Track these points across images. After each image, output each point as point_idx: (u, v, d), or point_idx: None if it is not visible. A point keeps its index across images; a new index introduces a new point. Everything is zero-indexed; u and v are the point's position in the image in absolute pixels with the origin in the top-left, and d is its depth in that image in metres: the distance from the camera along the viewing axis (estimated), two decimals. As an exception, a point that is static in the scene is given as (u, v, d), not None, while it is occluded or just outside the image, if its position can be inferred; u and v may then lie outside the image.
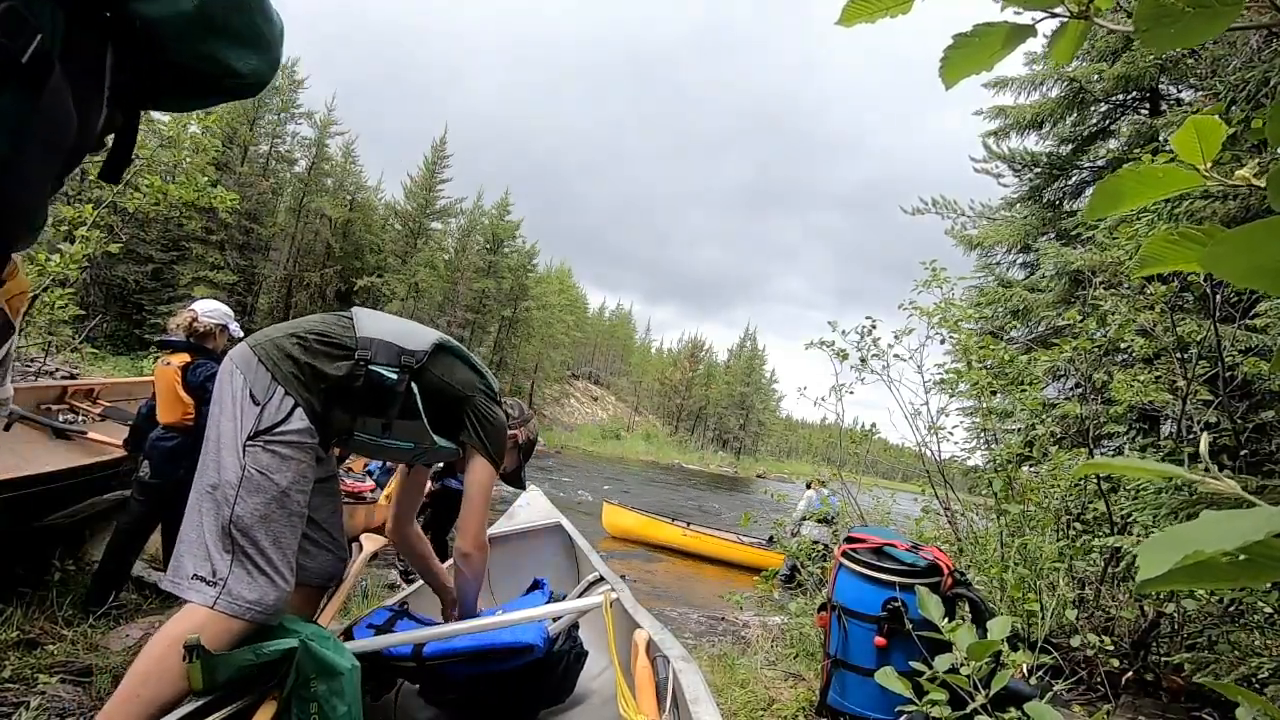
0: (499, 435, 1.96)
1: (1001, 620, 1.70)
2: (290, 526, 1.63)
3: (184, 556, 1.56)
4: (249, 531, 1.56)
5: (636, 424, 56.38)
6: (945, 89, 0.63)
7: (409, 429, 1.86)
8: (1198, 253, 0.49)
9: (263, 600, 1.55)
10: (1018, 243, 9.26)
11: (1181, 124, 0.53)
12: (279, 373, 1.67)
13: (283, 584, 1.59)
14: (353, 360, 1.75)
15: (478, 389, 1.96)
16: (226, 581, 1.53)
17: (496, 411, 1.98)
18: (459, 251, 35.67)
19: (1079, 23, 0.55)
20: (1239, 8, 0.45)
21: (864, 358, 4.69)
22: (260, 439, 1.61)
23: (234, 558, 1.55)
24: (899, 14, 0.60)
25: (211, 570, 1.53)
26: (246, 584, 1.54)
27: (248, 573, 1.55)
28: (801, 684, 3.23)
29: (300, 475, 1.65)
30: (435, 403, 1.86)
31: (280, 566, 1.59)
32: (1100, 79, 7.91)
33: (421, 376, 1.83)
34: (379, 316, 1.91)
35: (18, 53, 0.60)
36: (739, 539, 10.30)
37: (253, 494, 1.58)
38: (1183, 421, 3.67)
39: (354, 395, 1.75)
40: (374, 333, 1.81)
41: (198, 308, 3.29)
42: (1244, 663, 2.83)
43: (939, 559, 2.56)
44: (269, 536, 1.58)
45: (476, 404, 1.93)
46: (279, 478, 1.61)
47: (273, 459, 1.61)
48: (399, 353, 1.80)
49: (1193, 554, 0.31)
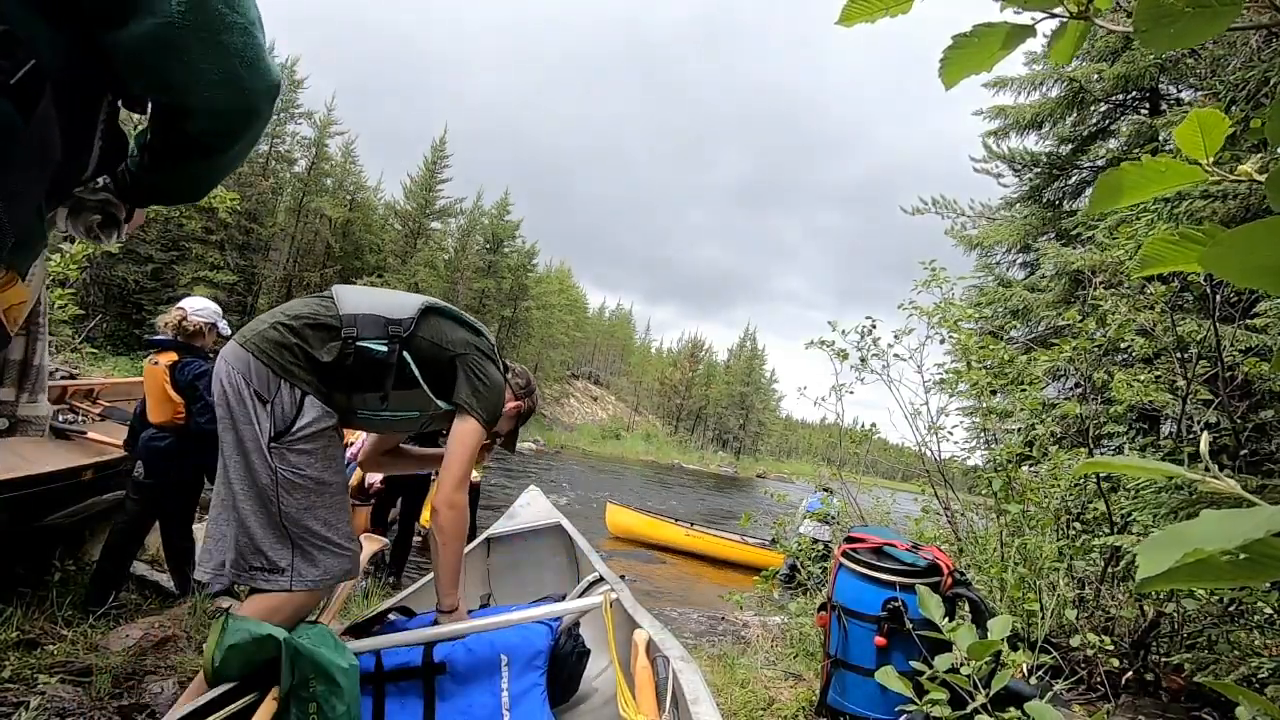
0: (492, 393, 1.91)
1: (1002, 620, 1.70)
2: (334, 507, 1.73)
3: (244, 553, 1.66)
4: (299, 522, 1.67)
5: (636, 424, 56.38)
6: (945, 89, 0.63)
7: (409, 398, 1.84)
8: (1198, 253, 0.49)
9: (330, 572, 1.71)
10: (1017, 242, 9.26)
11: (1182, 123, 0.53)
12: (276, 365, 1.67)
13: (344, 552, 1.74)
14: (340, 340, 1.73)
15: (472, 346, 1.92)
16: (293, 566, 1.67)
17: (490, 369, 1.93)
18: (459, 251, 35.68)
19: (1079, 23, 0.55)
20: (1238, 8, 0.45)
21: (864, 357, 4.69)
22: (283, 441, 1.65)
23: (293, 546, 1.68)
24: (898, 14, 0.60)
25: (274, 562, 1.66)
26: (310, 565, 1.69)
27: (308, 555, 1.69)
28: (801, 684, 3.23)
29: (329, 459, 1.72)
30: (432, 367, 1.84)
31: (337, 539, 1.72)
32: (1100, 79, 7.91)
33: (411, 343, 1.81)
34: (360, 291, 1.90)
35: (6, 75, 0.62)
36: (742, 539, 10.30)
37: (291, 491, 1.66)
38: (1183, 421, 3.67)
39: (348, 374, 1.74)
40: (357, 308, 1.79)
41: (187, 305, 3.27)
42: (1244, 662, 2.83)
43: (939, 559, 2.56)
44: (319, 520, 1.69)
45: (469, 361, 1.89)
46: (310, 471, 1.68)
47: (299, 456, 1.66)
48: (385, 324, 1.78)
49: (1193, 553, 0.31)
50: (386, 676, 1.81)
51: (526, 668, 1.88)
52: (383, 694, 1.80)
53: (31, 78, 0.64)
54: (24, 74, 0.63)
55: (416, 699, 1.81)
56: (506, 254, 36.80)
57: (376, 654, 1.81)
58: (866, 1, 0.58)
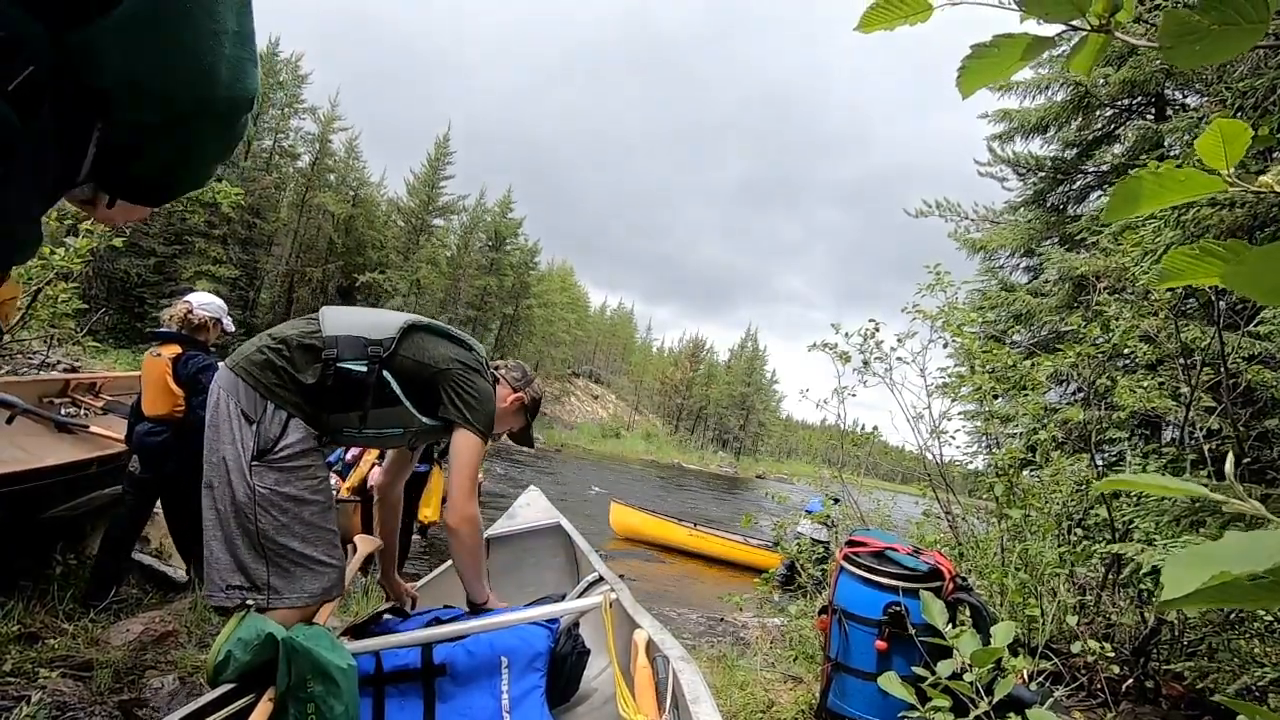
0: (481, 404, 1.91)
1: (1005, 626, 1.70)
2: (315, 524, 1.73)
3: (224, 571, 1.68)
4: (275, 540, 1.68)
5: (636, 423, 56.37)
6: (962, 98, 0.63)
7: (388, 416, 1.87)
8: (1219, 268, 0.48)
9: (307, 591, 1.71)
10: (1021, 247, 9.25)
11: (1187, 129, 0.52)
12: (262, 386, 1.73)
13: (325, 570, 1.74)
14: (321, 362, 1.77)
15: (454, 362, 1.91)
16: (269, 584, 1.68)
17: (477, 380, 1.92)
18: (461, 248, 35.66)
19: (1099, 36, 0.55)
20: (1265, 25, 0.44)
21: (866, 360, 4.68)
22: (265, 460, 1.68)
23: (269, 564, 1.69)
24: (918, 22, 0.60)
25: (250, 580, 1.67)
26: (287, 583, 1.69)
27: (286, 573, 1.70)
28: (801, 686, 3.23)
29: (311, 478, 1.73)
30: (415, 384, 1.86)
31: (318, 556, 1.73)
32: (1106, 83, 7.89)
33: (392, 362, 1.83)
34: (346, 311, 1.93)
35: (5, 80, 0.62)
36: (745, 540, 10.31)
37: (269, 509, 1.67)
38: (1185, 428, 3.66)
39: (329, 395, 1.78)
40: (339, 329, 1.82)
41: (193, 300, 3.26)
42: (1245, 671, 2.82)
43: (940, 563, 2.56)
44: (296, 538, 1.70)
45: (453, 376, 1.89)
46: (290, 489, 1.69)
47: (279, 474, 1.69)
48: (366, 344, 1.81)
49: (1219, 575, 0.31)
50: (386, 678, 1.80)
51: (526, 669, 1.87)
52: (383, 696, 1.80)
53: (30, 84, 0.64)
54: (23, 80, 0.63)
55: (416, 701, 1.81)
56: (509, 252, 36.78)
57: (376, 656, 1.81)
58: (886, 9, 0.58)
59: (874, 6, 0.57)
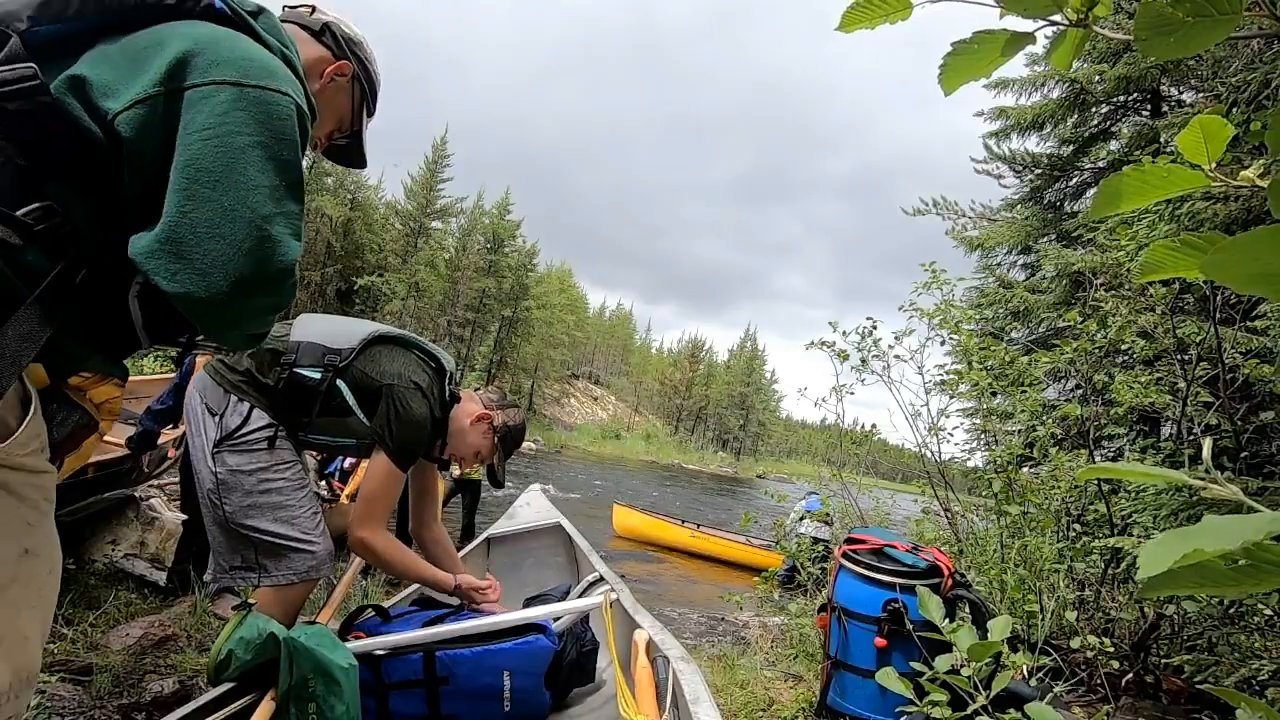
0: (403, 426, 1.83)
1: (1002, 621, 1.70)
2: (281, 506, 1.76)
3: (219, 557, 1.78)
4: (244, 522, 1.73)
5: (636, 424, 56.39)
6: (944, 95, 0.63)
7: (338, 425, 1.88)
8: (1199, 259, 0.49)
9: (294, 568, 1.76)
10: (1018, 244, 9.26)
11: (1183, 125, 0.53)
12: (227, 383, 1.80)
13: (305, 548, 1.77)
14: (279, 365, 1.82)
15: (400, 377, 1.85)
16: (258, 563, 1.75)
17: (412, 403, 1.84)
18: (459, 251, 35.65)
19: (1078, 30, 0.55)
20: (1238, 17, 0.45)
21: (865, 358, 4.69)
22: (225, 444, 1.74)
23: (253, 545, 1.74)
24: (898, 20, 0.60)
25: (244, 560, 1.75)
26: (274, 561, 1.75)
27: (273, 552, 1.75)
28: (801, 685, 3.23)
29: (277, 460, 1.78)
30: (365, 396, 1.86)
31: (296, 534, 1.76)
32: (1101, 80, 7.90)
33: (347, 373, 1.84)
34: (319, 319, 1.96)
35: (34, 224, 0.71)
36: (747, 540, 10.31)
37: (231, 492, 1.73)
38: (1183, 423, 3.67)
39: (281, 396, 1.82)
40: (304, 336, 1.86)
41: None
42: (1244, 665, 2.83)
43: (939, 560, 2.56)
44: (267, 519, 1.74)
45: (394, 392, 1.83)
46: (250, 468, 1.74)
47: (240, 457, 1.74)
48: (324, 352, 1.84)
49: (1193, 553, 0.32)
50: (389, 688, 1.81)
51: (529, 676, 1.88)
52: (386, 704, 1.80)
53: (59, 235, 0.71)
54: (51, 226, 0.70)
55: (420, 708, 1.81)
56: (507, 254, 36.78)
57: (378, 667, 1.80)
58: (867, 9, 0.58)
59: (854, 6, 0.58)
